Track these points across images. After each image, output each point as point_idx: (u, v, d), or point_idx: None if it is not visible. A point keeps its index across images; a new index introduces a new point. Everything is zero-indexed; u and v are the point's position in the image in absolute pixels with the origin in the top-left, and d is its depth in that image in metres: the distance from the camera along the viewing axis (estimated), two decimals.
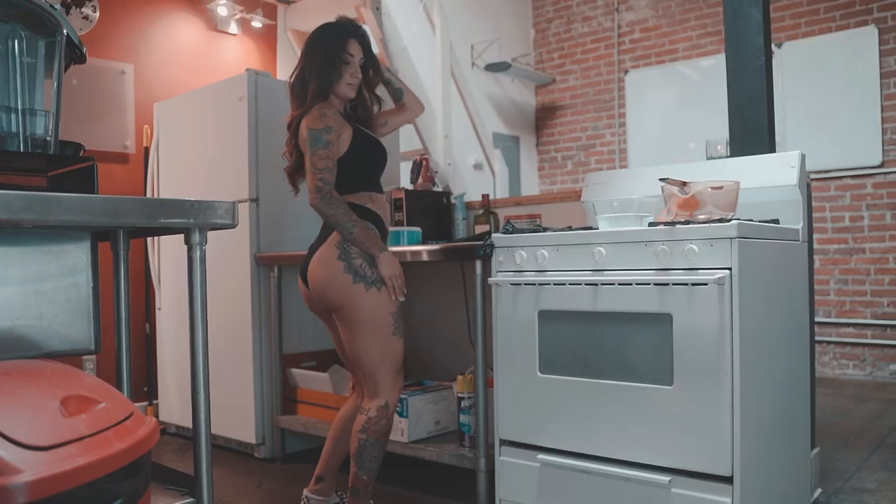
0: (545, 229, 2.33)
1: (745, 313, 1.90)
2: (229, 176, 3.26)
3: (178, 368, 3.62)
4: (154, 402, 3.83)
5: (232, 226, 1.68)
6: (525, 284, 2.24)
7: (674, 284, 1.96)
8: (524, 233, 2.28)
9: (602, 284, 2.09)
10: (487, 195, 3.20)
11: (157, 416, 3.77)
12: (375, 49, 4.41)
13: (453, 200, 3.32)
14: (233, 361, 3.26)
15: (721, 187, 2.14)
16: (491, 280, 2.30)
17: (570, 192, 3.05)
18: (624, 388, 2.05)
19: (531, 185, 6.87)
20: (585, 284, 2.12)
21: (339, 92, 2.26)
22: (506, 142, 6.67)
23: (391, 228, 2.89)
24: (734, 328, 1.87)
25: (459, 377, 2.60)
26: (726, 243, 1.89)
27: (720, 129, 4.52)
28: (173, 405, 3.67)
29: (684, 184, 2.05)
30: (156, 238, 3.64)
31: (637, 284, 2.02)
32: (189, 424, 3.61)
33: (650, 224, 2.09)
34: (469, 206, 3.33)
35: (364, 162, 2.27)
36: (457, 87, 4.94)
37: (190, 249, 1.66)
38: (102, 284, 1.73)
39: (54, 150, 1.56)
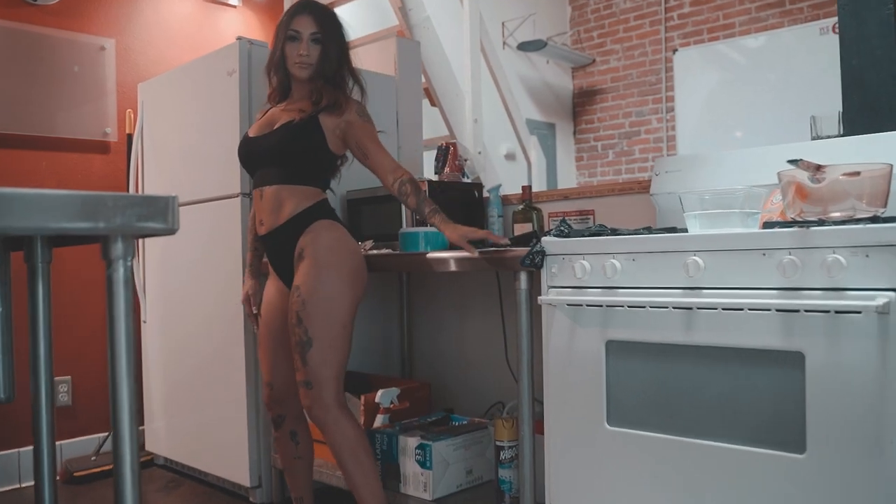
0: (614, 231, 1.76)
1: None
2: (218, 166, 2.73)
3: (166, 390, 3.11)
4: (140, 428, 3.32)
5: (169, 231, 1.13)
6: (588, 306, 1.68)
7: (807, 311, 1.38)
8: (586, 236, 1.71)
9: (699, 308, 1.52)
10: (529, 187, 2.62)
11: (143, 445, 3.27)
12: (395, 22, 3.87)
13: (487, 194, 2.75)
14: (222, 386, 2.74)
15: (858, 173, 1.56)
16: (542, 299, 1.74)
17: (634, 183, 2.47)
18: (730, 452, 1.48)
19: (568, 177, 6.27)
20: (674, 308, 1.55)
21: (291, 72, 2.11)
22: (540, 129, 6.06)
23: (410, 230, 2.33)
24: None
25: (499, 421, 2.03)
26: (890, 253, 1.31)
27: (784, 112, 3.94)
28: (161, 432, 3.17)
29: (819, 168, 1.47)
30: (139, 240, 3.14)
31: (751, 310, 1.45)
32: (178, 458, 3.13)
33: (765, 224, 1.52)
34: (505, 200, 2.76)
35: None
36: (488, 66, 4.36)
37: (108, 266, 1.12)
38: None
39: None
